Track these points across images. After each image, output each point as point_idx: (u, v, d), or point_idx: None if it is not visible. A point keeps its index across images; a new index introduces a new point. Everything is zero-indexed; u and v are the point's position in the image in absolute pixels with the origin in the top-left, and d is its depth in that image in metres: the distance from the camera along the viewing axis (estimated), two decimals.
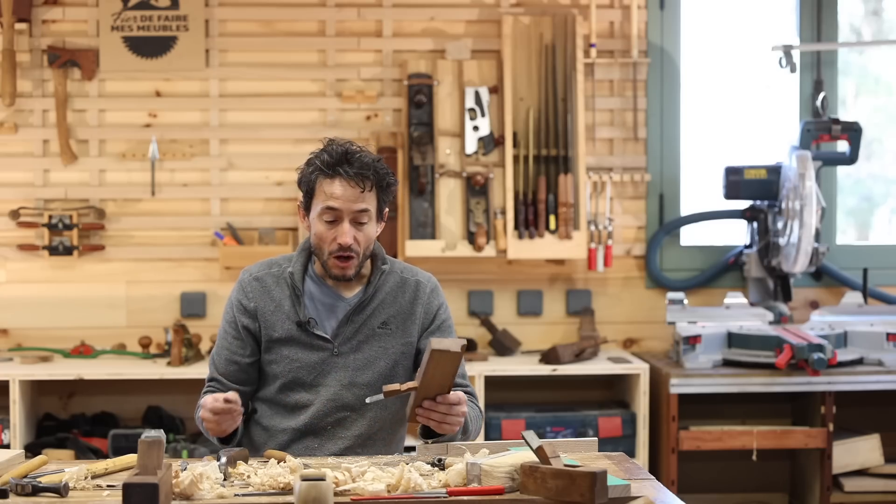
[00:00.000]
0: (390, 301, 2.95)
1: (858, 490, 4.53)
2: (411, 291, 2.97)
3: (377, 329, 2.92)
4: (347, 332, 2.91)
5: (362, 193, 2.83)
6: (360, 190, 2.83)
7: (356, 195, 2.83)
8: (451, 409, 2.63)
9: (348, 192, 2.82)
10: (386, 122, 4.86)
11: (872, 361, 4.52)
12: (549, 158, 4.80)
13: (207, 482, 2.37)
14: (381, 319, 2.93)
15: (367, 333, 2.92)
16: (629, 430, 4.55)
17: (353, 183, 2.82)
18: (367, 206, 2.85)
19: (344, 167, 2.83)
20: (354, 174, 2.82)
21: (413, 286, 2.98)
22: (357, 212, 2.84)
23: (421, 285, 2.99)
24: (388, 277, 2.96)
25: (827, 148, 4.89)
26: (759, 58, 5.10)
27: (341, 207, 2.83)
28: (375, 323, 2.93)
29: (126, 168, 4.82)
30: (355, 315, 2.92)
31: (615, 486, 2.33)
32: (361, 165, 2.83)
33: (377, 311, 2.94)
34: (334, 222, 2.84)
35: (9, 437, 4.37)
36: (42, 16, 4.79)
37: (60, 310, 4.81)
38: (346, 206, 2.83)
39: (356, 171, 2.82)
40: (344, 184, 2.82)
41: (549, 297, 4.95)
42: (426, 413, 2.63)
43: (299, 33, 4.88)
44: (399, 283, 2.97)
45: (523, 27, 4.81)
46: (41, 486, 2.37)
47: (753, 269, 4.83)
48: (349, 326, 2.92)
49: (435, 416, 2.63)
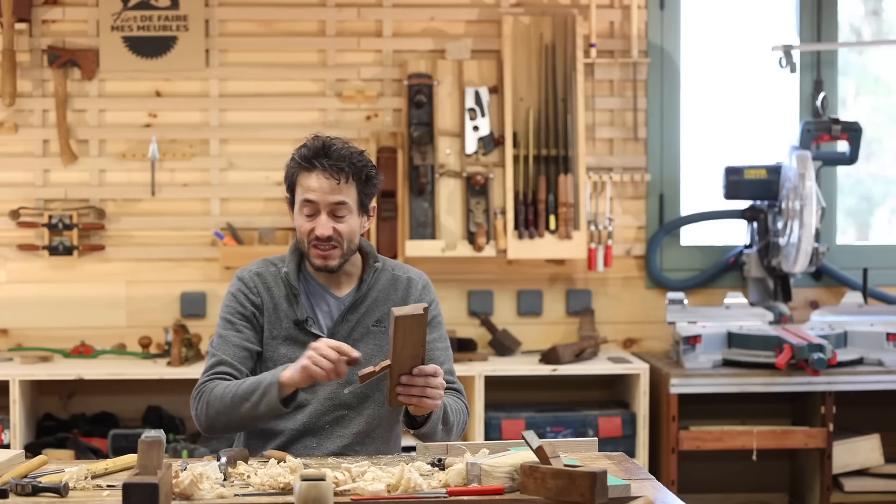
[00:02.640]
0: (383, 299, 2.96)
1: (858, 490, 4.53)
2: (403, 288, 2.98)
3: (371, 327, 2.93)
4: (343, 330, 2.92)
5: (338, 185, 2.84)
6: (336, 182, 2.84)
7: (332, 187, 2.84)
8: (428, 381, 2.63)
9: (324, 184, 2.83)
10: (386, 122, 4.86)
11: (872, 361, 4.52)
12: (549, 158, 4.79)
13: (207, 482, 2.37)
14: (374, 317, 2.94)
15: (362, 332, 2.92)
16: (629, 430, 4.55)
17: (329, 175, 2.83)
18: (344, 198, 2.85)
19: (320, 160, 2.84)
20: (330, 166, 2.83)
21: (405, 283, 2.99)
22: (334, 203, 2.85)
23: (412, 282, 3.00)
24: (380, 275, 2.97)
25: (827, 148, 4.89)
26: (759, 58, 5.10)
27: (318, 200, 2.84)
28: (370, 321, 2.94)
29: (126, 168, 4.82)
30: (350, 314, 2.93)
31: (615, 486, 2.33)
32: (338, 157, 2.85)
33: (371, 309, 2.94)
34: (312, 215, 2.86)
35: (9, 437, 4.37)
36: (42, 16, 4.79)
37: (60, 310, 4.81)
38: (323, 199, 2.84)
39: (332, 162, 2.83)
40: (320, 176, 2.84)
41: (549, 297, 4.95)
42: (406, 391, 2.63)
43: (299, 33, 4.88)
44: (391, 280, 2.98)
45: (523, 27, 4.81)
46: (41, 486, 2.37)
47: (753, 269, 4.83)
48: (344, 325, 2.92)
49: (415, 392, 2.63)
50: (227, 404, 2.77)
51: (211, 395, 2.81)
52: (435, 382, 2.65)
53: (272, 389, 2.72)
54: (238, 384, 2.79)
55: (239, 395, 2.76)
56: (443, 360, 2.94)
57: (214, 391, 2.81)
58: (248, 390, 2.75)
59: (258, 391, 2.74)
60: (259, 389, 2.74)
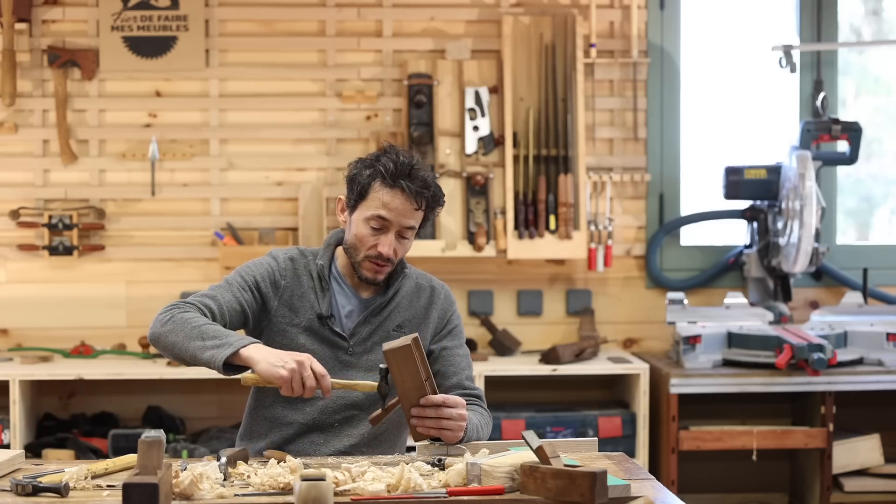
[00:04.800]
0: (406, 305, 2.97)
1: (858, 490, 4.53)
2: (427, 297, 3.00)
3: (392, 332, 2.93)
4: (364, 332, 2.92)
5: (415, 211, 2.84)
6: (416, 207, 2.83)
7: (410, 211, 2.83)
8: (440, 412, 2.62)
9: (404, 206, 2.82)
10: (386, 122, 4.86)
11: (872, 361, 4.52)
12: (549, 158, 4.80)
13: (207, 482, 2.37)
14: (396, 322, 2.95)
15: (382, 335, 2.92)
16: (629, 430, 4.55)
17: (411, 199, 2.82)
18: (415, 223, 2.86)
19: (406, 181, 2.81)
20: (415, 191, 2.81)
21: (428, 292, 3.00)
22: (405, 227, 2.85)
23: (436, 291, 3.02)
24: (404, 282, 2.98)
25: (827, 148, 4.89)
26: (759, 58, 5.10)
27: (392, 220, 2.83)
28: (391, 325, 2.95)
29: (126, 168, 4.82)
30: (373, 317, 2.93)
31: (615, 486, 2.33)
32: (423, 184, 2.83)
33: (394, 314, 2.95)
34: (380, 230, 2.84)
35: (9, 437, 4.37)
36: (42, 16, 4.79)
37: (60, 310, 4.81)
38: (397, 220, 2.83)
39: (417, 188, 2.81)
40: (402, 197, 2.81)
41: (549, 297, 4.95)
42: (421, 423, 2.63)
43: (299, 33, 4.88)
44: (415, 288, 3.00)
45: (523, 27, 4.81)
46: (41, 486, 2.37)
47: (753, 269, 4.83)
48: (366, 327, 2.93)
49: (430, 424, 2.63)
50: (185, 331, 2.66)
51: (178, 315, 2.70)
52: (448, 413, 2.63)
53: (226, 350, 2.60)
54: (207, 322, 2.69)
55: (199, 330, 2.66)
56: (463, 367, 2.97)
57: (187, 314, 2.71)
58: (208, 334, 2.65)
59: (215, 340, 2.63)
60: (216, 339, 2.63)
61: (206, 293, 2.83)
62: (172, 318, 2.71)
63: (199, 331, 2.66)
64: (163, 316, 2.73)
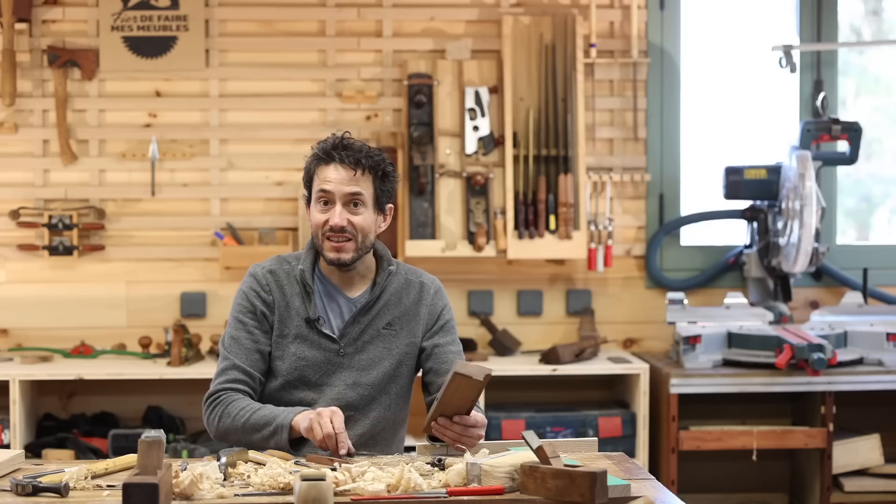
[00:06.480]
0: (395, 302, 2.96)
1: (858, 490, 4.53)
2: (416, 292, 2.99)
3: (382, 330, 2.94)
4: (353, 332, 2.92)
5: (355, 176, 2.86)
6: (353, 173, 2.85)
7: (349, 178, 2.85)
8: (466, 431, 2.63)
9: (341, 174, 2.85)
10: (386, 122, 4.86)
11: (872, 361, 4.52)
12: (549, 158, 4.80)
13: (207, 482, 2.37)
14: (385, 320, 2.95)
15: (373, 334, 2.93)
16: (629, 430, 4.55)
17: (346, 166, 2.85)
18: (359, 189, 2.86)
19: (338, 151, 2.87)
20: (347, 157, 2.86)
21: (417, 287, 3.00)
22: (349, 194, 2.86)
23: (425, 286, 3.01)
24: (392, 279, 2.98)
25: (827, 148, 4.89)
26: (759, 58, 5.10)
27: (333, 190, 2.85)
28: (381, 324, 2.94)
29: (126, 168, 4.82)
30: (361, 315, 2.93)
31: (615, 486, 2.33)
32: (356, 150, 2.87)
33: (382, 312, 2.95)
34: (328, 205, 2.87)
35: (9, 437, 4.37)
36: (42, 16, 4.79)
37: (60, 310, 4.81)
38: (338, 189, 2.85)
39: (349, 154, 2.86)
40: (338, 167, 2.86)
41: (549, 297, 4.95)
42: (440, 429, 2.63)
43: (299, 33, 4.88)
44: (403, 284, 2.99)
45: (523, 27, 4.81)
46: (41, 486, 2.37)
47: (753, 269, 4.83)
48: (355, 327, 2.93)
49: (449, 434, 2.63)
50: (238, 427, 2.80)
51: (224, 411, 2.83)
52: (472, 433, 2.64)
53: (283, 431, 2.74)
54: (252, 411, 2.80)
55: (251, 423, 2.78)
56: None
57: (228, 408, 2.82)
58: (260, 422, 2.77)
59: (269, 427, 2.76)
60: (271, 426, 2.76)
61: (226, 364, 2.89)
62: (221, 417, 2.84)
63: (251, 424, 2.78)
64: (212, 416, 2.86)
